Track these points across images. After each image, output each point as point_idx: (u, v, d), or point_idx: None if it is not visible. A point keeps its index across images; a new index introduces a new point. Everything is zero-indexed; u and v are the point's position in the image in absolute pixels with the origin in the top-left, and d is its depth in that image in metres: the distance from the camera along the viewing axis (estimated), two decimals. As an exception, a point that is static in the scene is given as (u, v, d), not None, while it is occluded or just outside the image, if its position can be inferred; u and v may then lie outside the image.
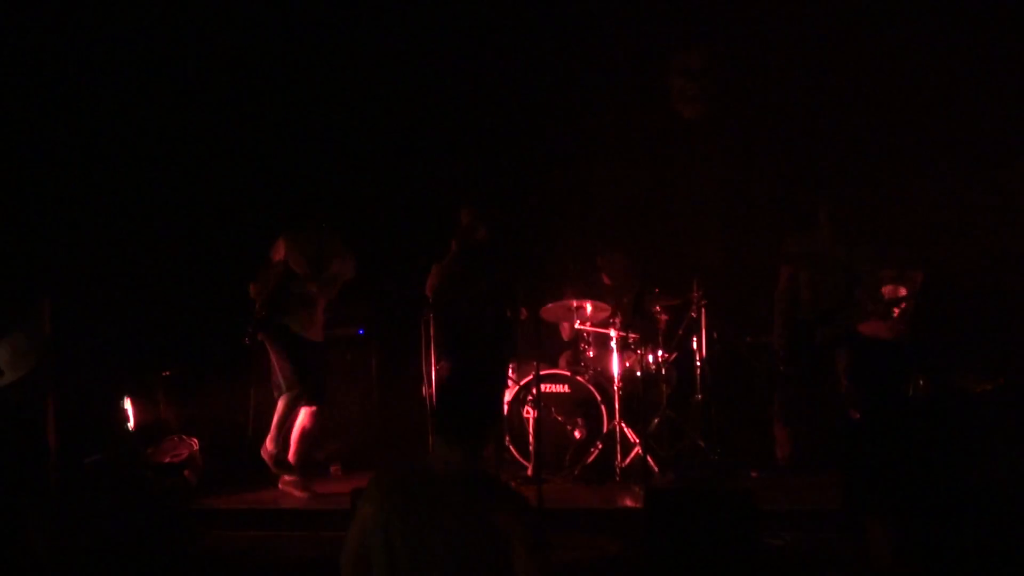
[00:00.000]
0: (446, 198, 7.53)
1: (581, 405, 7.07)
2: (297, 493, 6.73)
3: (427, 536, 3.01)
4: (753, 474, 6.86)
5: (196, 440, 7.12)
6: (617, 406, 6.95)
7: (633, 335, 7.03)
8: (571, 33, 8.14)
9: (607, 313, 7.45)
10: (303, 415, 6.79)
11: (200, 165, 7.79)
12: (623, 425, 6.94)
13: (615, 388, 7.01)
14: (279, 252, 6.79)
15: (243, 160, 7.85)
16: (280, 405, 6.74)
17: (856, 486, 4.48)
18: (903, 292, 6.23)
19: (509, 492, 3.21)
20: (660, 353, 7.35)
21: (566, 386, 7.15)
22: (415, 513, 3.04)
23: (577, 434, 7.03)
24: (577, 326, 7.52)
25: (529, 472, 6.93)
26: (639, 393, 7.16)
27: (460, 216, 6.85)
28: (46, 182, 6.98)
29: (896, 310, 7.25)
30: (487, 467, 5.64)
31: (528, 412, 7.01)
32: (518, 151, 8.32)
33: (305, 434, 6.83)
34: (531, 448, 6.94)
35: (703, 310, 7.44)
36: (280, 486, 6.83)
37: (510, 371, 7.56)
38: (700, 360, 7.40)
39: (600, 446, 6.97)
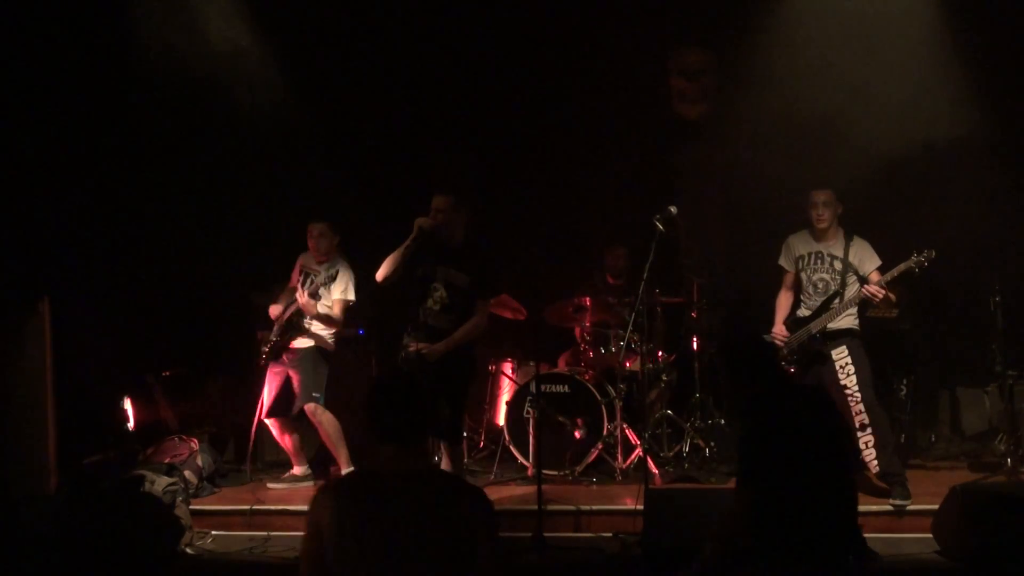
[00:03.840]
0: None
1: (581, 405, 7.07)
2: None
3: (392, 536, 3.05)
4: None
5: (196, 440, 7.12)
6: (617, 406, 6.95)
7: (634, 335, 7.02)
8: (571, 33, 8.13)
9: (609, 313, 7.46)
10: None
11: (199, 164, 7.78)
12: (623, 425, 6.94)
13: (615, 388, 7.01)
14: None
15: (242, 159, 7.84)
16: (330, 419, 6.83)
17: None
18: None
19: (467, 485, 3.34)
20: (660, 353, 7.36)
21: (566, 386, 7.15)
22: (376, 516, 3.08)
23: (577, 434, 7.03)
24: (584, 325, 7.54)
25: (529, 472, 6.94)
26: (639, 393, 7.16)
27: (433, 200, 6.07)
28: (46, 182, 6.97)
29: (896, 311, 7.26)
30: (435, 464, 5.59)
31: (528, 412, 7.02)
32: (518, 151, 8.32)
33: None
34: (531, 448, 6.94)
35: (703, 310, 7.46)
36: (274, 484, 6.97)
37: (510, 371, 7.58)
38: (700, 360, 7.41)
39: (600, 446, 6.97)
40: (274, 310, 7.02)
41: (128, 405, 7.57)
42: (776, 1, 7.63)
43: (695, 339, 7.44)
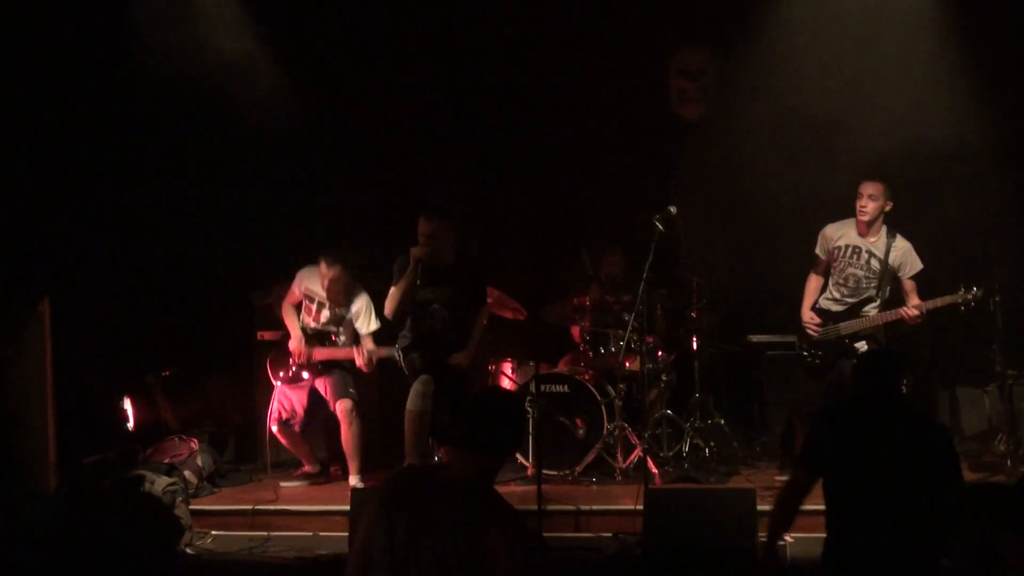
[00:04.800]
0: (445, 201, 7.57)
1: (581, 405, 7.06)
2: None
3: (420, 542, 3.04)
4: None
5: (196, 440, 7.12)
6: (617, 406, 6.95)
7: (633, 335, 7.01)
8: (572, 33, 8.13)
9: (608, 313, 7.45)
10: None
11: (199, 165, 7.78)
12: (623, 425, 6.94)
13: (615, 388, 7.00)
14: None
15: (241, 160, 7.84)
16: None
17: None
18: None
19: (509, 512, 3.21)
20: (660, 353, 7.36)
21: (566, 386, 7.14)
22: (415, 519, 3.06)
23: (577, 434, 7.03)
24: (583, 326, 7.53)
25: (529, 472, 6.93)
26: (639, 393, 7.16)
27: (420, 225, 6.33)
28: (46, 182, 6.98)
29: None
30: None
31: (528, 412, 7.01)
32: (518, 151, 8.32)
33: None
34: (531, 448, 6.94)
35: (703, 310, 7.45)
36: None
37: (510, 371, 7.57)
38: (700, 360, 7.40)
39: (600, 446, 6.97)
40: (295, 345, 6.84)
41: (128, 405, 7.58)
42: (776, 2, 7.63)
43: (695, 339, 7.44)
